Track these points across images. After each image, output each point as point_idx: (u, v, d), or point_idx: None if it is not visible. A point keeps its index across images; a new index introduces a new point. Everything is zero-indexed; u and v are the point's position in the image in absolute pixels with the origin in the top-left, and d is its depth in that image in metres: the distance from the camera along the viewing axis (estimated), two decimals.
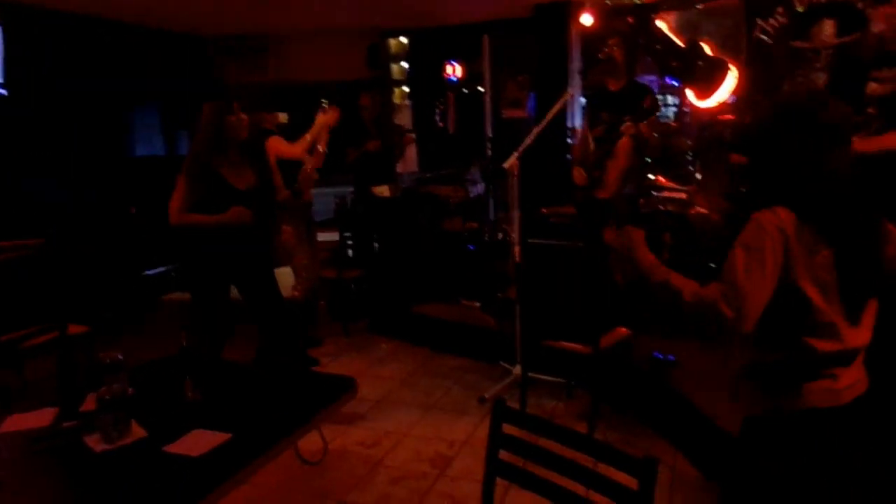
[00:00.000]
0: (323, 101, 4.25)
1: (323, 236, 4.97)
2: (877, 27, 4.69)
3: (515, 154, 3.93)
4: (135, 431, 1.83)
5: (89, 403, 2.02)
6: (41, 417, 1.97)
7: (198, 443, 1.75)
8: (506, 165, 3.92)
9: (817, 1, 4.97)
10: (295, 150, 4.15)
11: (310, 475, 2.99)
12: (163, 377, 2.23)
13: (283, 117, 5.03)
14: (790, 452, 1.71)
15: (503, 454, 1.82)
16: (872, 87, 2.58)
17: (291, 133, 4.35)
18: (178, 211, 3.18)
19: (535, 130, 3.95)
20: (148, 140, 6.75)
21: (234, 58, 7.62)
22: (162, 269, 6.41)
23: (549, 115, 3.99)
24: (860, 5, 4.74)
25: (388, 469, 3.18)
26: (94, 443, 1.78)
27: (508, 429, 1.82)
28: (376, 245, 5.23)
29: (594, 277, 3.40)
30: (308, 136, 4.11)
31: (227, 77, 7.64)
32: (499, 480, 1.85)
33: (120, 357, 2.01)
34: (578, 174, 4.87)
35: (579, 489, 1.64)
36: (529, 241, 3.56)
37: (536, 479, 1.73)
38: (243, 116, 3.32)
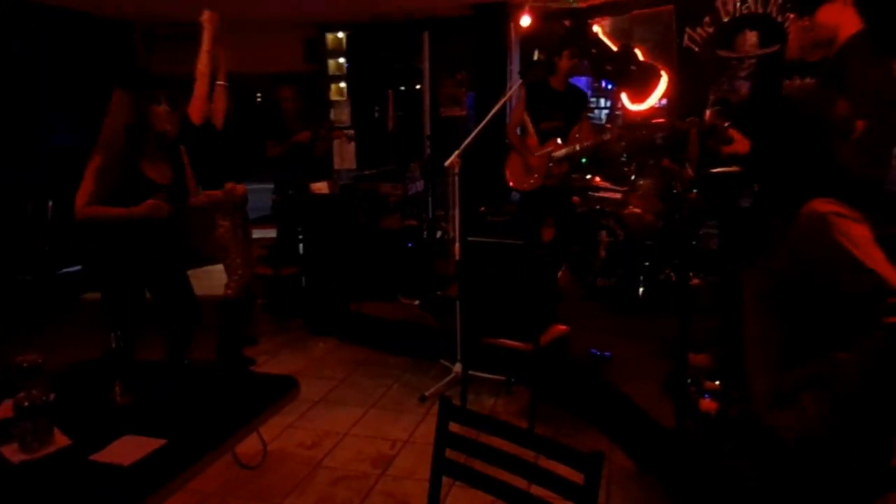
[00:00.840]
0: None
1: (258, 233, 4.84)
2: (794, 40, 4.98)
3: (457, 152, 3.93)
4: (58, 440, 1.71)
5: (5, 410, 1.88)
6: None
7: (129, 450, 1.66)
8: (447, 163, 3.91)
9: (740, 13, 5.22)
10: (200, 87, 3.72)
11: (247, 479, 2.89)
12: (87, 381, 2.10)
13: None
14: None
15: (449, 452, 1.81)
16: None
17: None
18: (84, 204, 2.97)
19: (478, 128, 3.95)
20: (65, 129, 6.38)
21: (163, 46, 7.32)
22: (79, 266, 6.07)
23: (493, 112, 4.00)
24: (779, 19, 5.02)
25: (328, 470, 3.12)
26: (12, 453, 1.66)
27: (454, 427, 1.80)
28: (314, 242, 5.11)
29: (534, 275, 3.44)
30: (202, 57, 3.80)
31: (154, 66, 7.33)
32: (444, 479, 1.82)
33: (39, 360, 1.88)
34: (536, 161, 4.98)
35: (525, 485, 1.64)
36: (470, 238, 3.56)
37: (483, 476, 1.73)
38: (167, 108, 3.17)
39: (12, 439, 1.69)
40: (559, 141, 5.00)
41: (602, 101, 14.99)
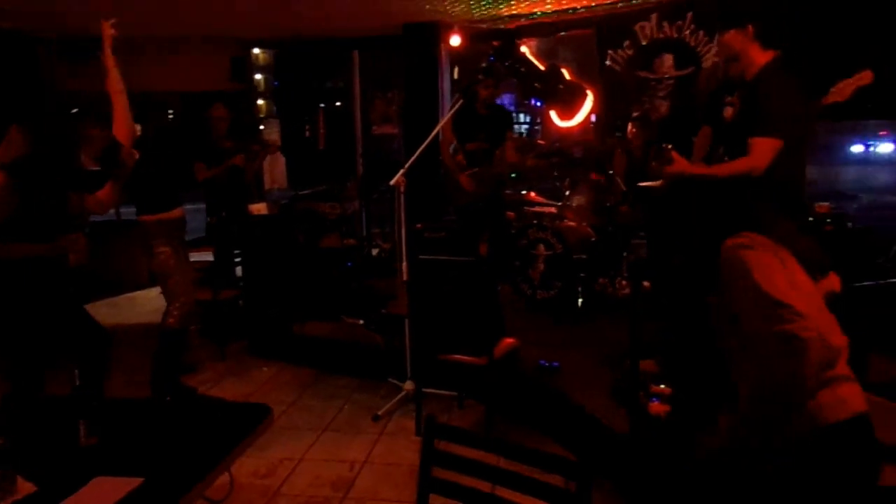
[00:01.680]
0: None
1: (193, 256, 4.67)
2: (707, 63, 5.36)
3: (402, 171, 3.95)
4: (21, 487, 1.60)
5: None
6: None
7: (104, 492, 1.57)
8: (393, 182, 3.93)
9: (658, 37, 5.56)
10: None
11: None
12: (42, 422, 1.97)
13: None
14: None
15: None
16: (728, 111, 2.93)
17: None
18: None
19: (422, 146, 4.00)
20: None
21: (74, 62, 6.93)
22: None
23: (436, 129, 4.07)
24: (692, 44, 5.39)
25: (287, 498, 3.05)
26: None
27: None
28: (253, 264, 4.99)
29: (484, 290, 3.52)
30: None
31: (59, 83, 6.93)
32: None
33: None
34: (466, 181, 5.08)
35: (517, 497, 1.68)
36: (421, 256, 3.59)
37: (471, 491, 1.75)
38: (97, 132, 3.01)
39: None
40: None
41: (521, 115, 15.45)
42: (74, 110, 6.11)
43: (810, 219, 4.10)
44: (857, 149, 17.66)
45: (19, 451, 1.65)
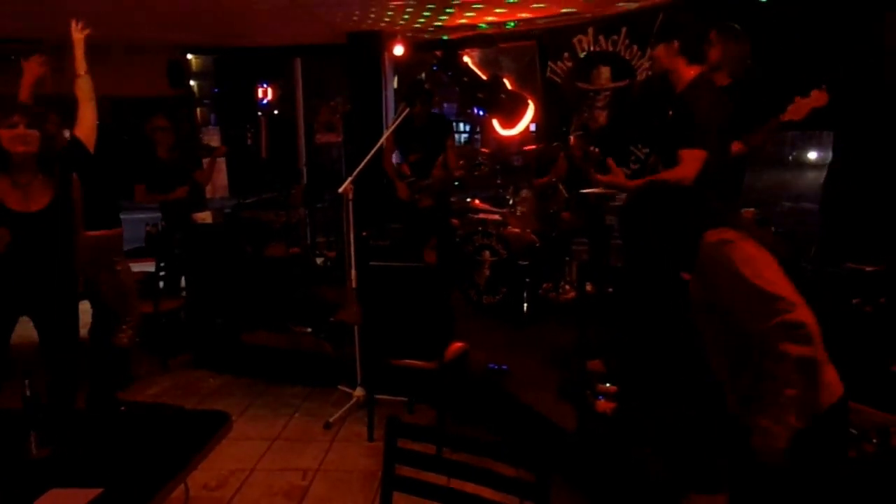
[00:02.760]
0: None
1: (134, 267, 4.54)
2: (641, 75, 5.62)
3: (349, 179, 3.98)
4: None
5: None
6: None
7: None
8: (341, 190, 3.95)
9: (594, 50, 5.78)
10: None
11: None
12: None
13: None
14: None
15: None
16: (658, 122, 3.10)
17: None
18: None
19: (369, 154, 4.03)
20: None
21: (4, 65, 6.61)
22: None
23: (383, 137, 4.12)
24: (626, 56, 5.63)
25: None
26: None
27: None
28: (197, 273, 4.88)
29: (435, 295, 3.57)
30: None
31: None
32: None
33: None
34: (402, 188, 5.14)
35: (476, 489, 1.74)
36: (372, 263, 3.61)
37: (434, 487, 1.80)
38: (26, 131, 2.89)
39: None
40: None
41: (461, 125, 15.63)
42: None
43: None
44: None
45: None
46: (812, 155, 17.04)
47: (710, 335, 1.96)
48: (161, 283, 4.86)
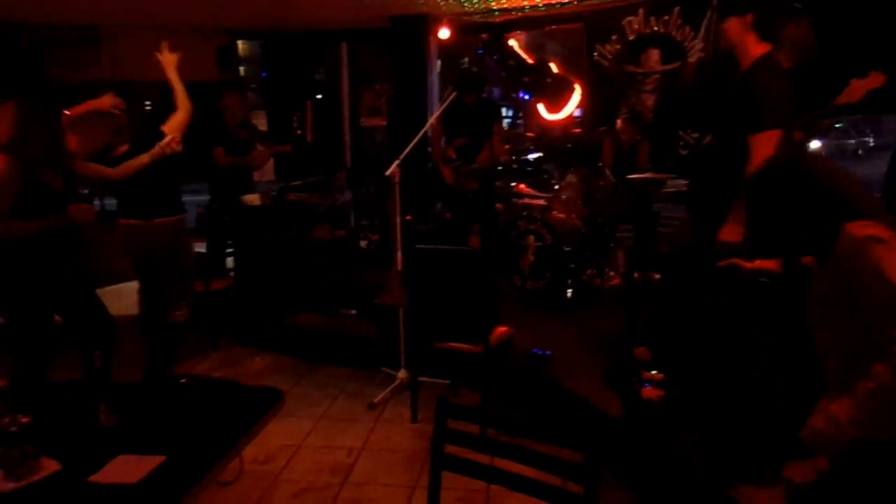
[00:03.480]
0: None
1: None
2: (693, 58, 5.47)
3: (396, 162, 4.00)
4: (46, 465, 1.63)
5: None
6: None
7: (128, 469, 1.61)
8: (388, 173, 3.97)
9: (644, 32, 5.65)
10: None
11: (206, 499, 2.81)
12: (60, 403, 1.99)
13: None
14: None
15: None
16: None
17: None
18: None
19: (416, 138, 4.04)
20: None
21: (58, 50, 6.84)
22: None
23: (430, 121, 4.12)
24: (678, 38, 5.49)
25: (288, 483, 3.09)
26: None
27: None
28: (245, 255, 4.99)
29: (478, 279, 3.57)
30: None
31: (53, 72, 6.83)
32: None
33: (5, 384, 1.79)
34: (448, 173, 5.14)
35: (523, 470, 1.74)
36: (418, 246, 3.63)
37: (480, 466, 1.81)
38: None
39: None
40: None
41: (504, 109, 15.52)
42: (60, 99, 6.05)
43: None
44: None
45: (41, 431, 1.67)
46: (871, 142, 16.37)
47: (826, 329, 1.82)
48: (211, 263, 4.99)
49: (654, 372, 3.28)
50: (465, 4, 5.95)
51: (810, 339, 1.89)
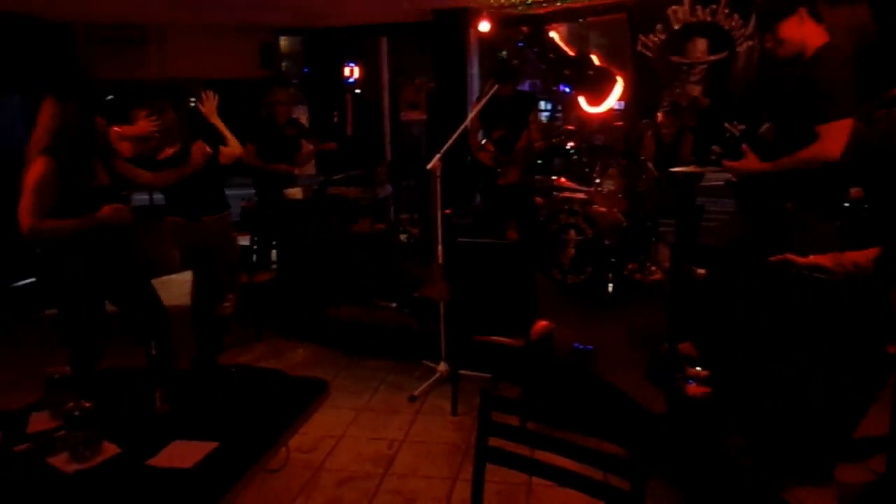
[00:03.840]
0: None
1: None
2: (742, 47, 5.32)
3: (437, 155, 4.01)
4: (106, 448, 1.70)
5: (37, 423, 1.85)
6: None
7: (184, 454, 1.66)
8: (429, 166, 3.98)
9: (690, 21, 5.52)
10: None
11: (255, 485, 2.88)
12: (117, 390, 2.07)
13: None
14: None
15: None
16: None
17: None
18: (33, 220, 2.72)
19: (458, 131, 4.05)
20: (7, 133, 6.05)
21: (109, 49, 7.05)
22: (32, 279, 5.80)
23: (471, 115, 4.12)
24: (726, 27, 5.35)
25: (331, 472, 3.15)
26: (63, 464, 1.64)
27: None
28: (288, 248, 5.09)
29: (520, 272, 3.56)
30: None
31: (100, 71, 7.05)
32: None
33: (69, 370, 1.86)
34: (485, 155, 5.15)
35: (568, 464, 1.74)
36: (459, 240, 3.64)
37: (523, 458, 1.82)
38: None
39: (57, 450, 1.67)
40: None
41: (542, 103, 15.38)
42: (110, 97, 6.25)
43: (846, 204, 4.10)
44: None
45: (102, 416, 1.74)
46: None
47: None
48: (254, 257, 5.10)
49: (698, 368, 3.23)
50: None
51: (866, 337, 1.84)
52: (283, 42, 7.52)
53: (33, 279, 5.66)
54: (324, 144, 5.68)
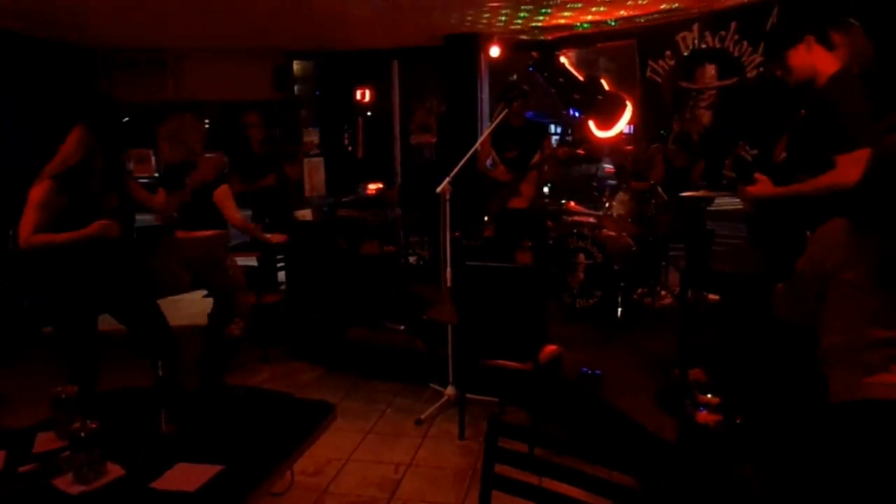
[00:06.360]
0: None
1: (238, 261, 4.81)
2: (751, 73, 5.34)
3: (447, 179, 4.02)
4: (110, 470, 1.69)
5: (43, 443, 1.84)
6: None
7: (188, 477, 1.65)
8: (439, 190, 4.00)
9: (699, 48, 5.56)
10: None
11: None
12: (124, 410, 2.07)
13: None
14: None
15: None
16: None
17: None
18: (29, 234, 2.82)
19: (467, 154, 4.07)
20: (23, 154, 6.14)
21: (128, 73, 7.17)
22: (41, 298, 5.84)
23: (483, 137, 4.14)
24: (735, 53, 5.37)
25: (336, 497, 3.11)
26: (67, 485, 1.63)
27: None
28: (296, 269, 5.10)
29: (529, 296, 3.54)
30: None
31: (115, 92, 7.16)
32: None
33: (75, 391, 1.86)
34: (501, 171, 5.20)
35: (578, 494, 1.71)
36: (468, 263, 3.64)
37: (529, 486, 1.79)
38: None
39: (63, 471, 1.66)
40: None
41: (553, 126, 15.49)
42: (126, 119, 6.34)
43: None
44: None
45: (107, 437, 1.73)
46: None
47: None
48: (264, 278, 5.11)
49: (709, 395, 3.18)
50: (517, 23, 5.98)
51: None
52: (299, 65, 7.62)
53: (42, 297, 5.70)
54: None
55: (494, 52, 6.39)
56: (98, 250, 2.96)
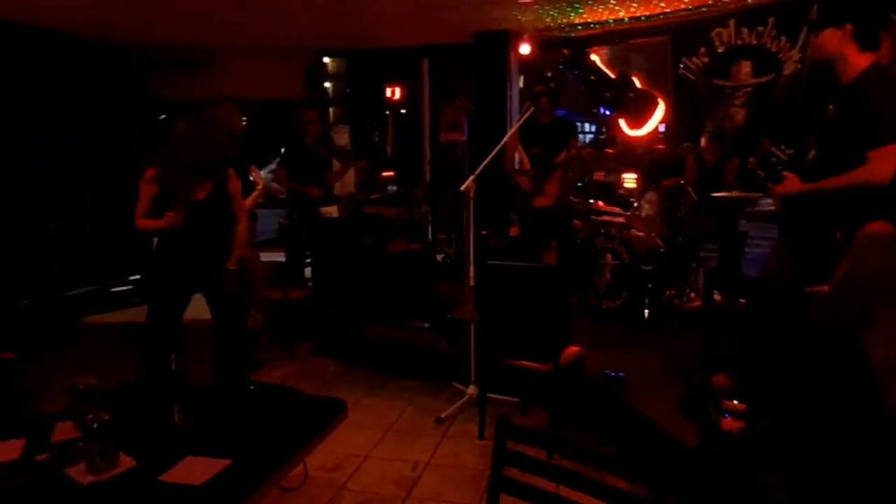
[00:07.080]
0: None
1: (265, 256, 4.87)
2: (788, 69, 5.18)
3: (472, 177, 4.00)
4: (122, 461, 1.72)
5: (62, 433, 1.88)
6: (7, 450, 1.81)
7: (196, 470, 1.67)
8: (463, 188, 3.98)
9: (735, 43, 5.42)
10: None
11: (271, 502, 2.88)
12: (139, 402, 2.10)
13: None
14: None
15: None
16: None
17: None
18: (136, 217, 3.34)
19: (492, 152, 4.04)
20: (57, 152, 6.30)
21: (164, 71, 7.32)
22: (85, 289, 6.02)
23: (508, 135, 4.11)
24: (773, 49, 5.22)
25: (353, 493, 3.12)
26: (79, 475, 1.66)
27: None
28: (322, 265, 5.14)
29: (555, 297, 3.50)
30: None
31: (150, 90, 7.32)
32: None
33: (94, 382, 1.90)
34: (523, 181, 5.15)
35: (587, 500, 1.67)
36: (490, 262, 3.61)
37: (542, 493, 1.76)
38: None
39: (77, 461, 1.69)
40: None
41: (586, 125, 15.29)
42: (162, 116, 6.47)
43: None
44: None
45: (120, 428, 1.76)
46: None
47: None
48: (290, 274, 5.17)
49: (735, 402, 3.10)
50: (548, 19, 5.92)
51: None
52: (331, 63, 7.68)
53: (85, 288, 5.89)
54: (355, 163, 5.73)
55: (524, 49, 6.32)
56: (187, 238, 3.31)
